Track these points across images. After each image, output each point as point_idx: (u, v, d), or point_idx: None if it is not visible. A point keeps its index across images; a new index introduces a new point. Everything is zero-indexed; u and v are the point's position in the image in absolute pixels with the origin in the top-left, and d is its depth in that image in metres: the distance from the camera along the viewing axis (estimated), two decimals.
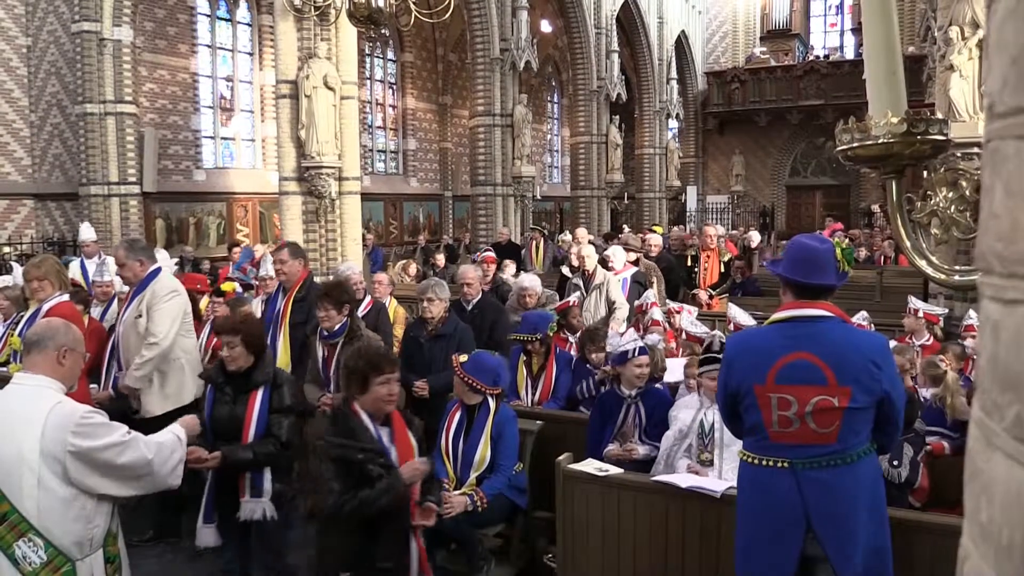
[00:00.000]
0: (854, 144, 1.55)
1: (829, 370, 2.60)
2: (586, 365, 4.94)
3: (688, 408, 3.81)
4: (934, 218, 1.49)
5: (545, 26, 20.86)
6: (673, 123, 23.83)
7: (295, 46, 8.81)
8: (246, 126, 17.25)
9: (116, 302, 5.64)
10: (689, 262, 9.21)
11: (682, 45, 24.01)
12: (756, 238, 13.69)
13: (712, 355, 3.68)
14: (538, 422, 4.35)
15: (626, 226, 16.98)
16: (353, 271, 6.29)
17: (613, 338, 4.84)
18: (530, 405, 4.90)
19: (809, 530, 2.63)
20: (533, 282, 6.27)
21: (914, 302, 6.06)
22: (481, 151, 14.74)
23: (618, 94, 19.04)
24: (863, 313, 5.64)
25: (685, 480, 3.37)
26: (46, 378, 2.51)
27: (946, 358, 4.73)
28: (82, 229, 8.65)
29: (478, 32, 14.73)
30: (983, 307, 0.69)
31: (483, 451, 3.92)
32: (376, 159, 20.71)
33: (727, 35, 26.44)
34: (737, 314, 5.50)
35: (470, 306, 5.68)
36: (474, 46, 14.82)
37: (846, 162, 1.64)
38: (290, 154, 8.92)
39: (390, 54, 21.00)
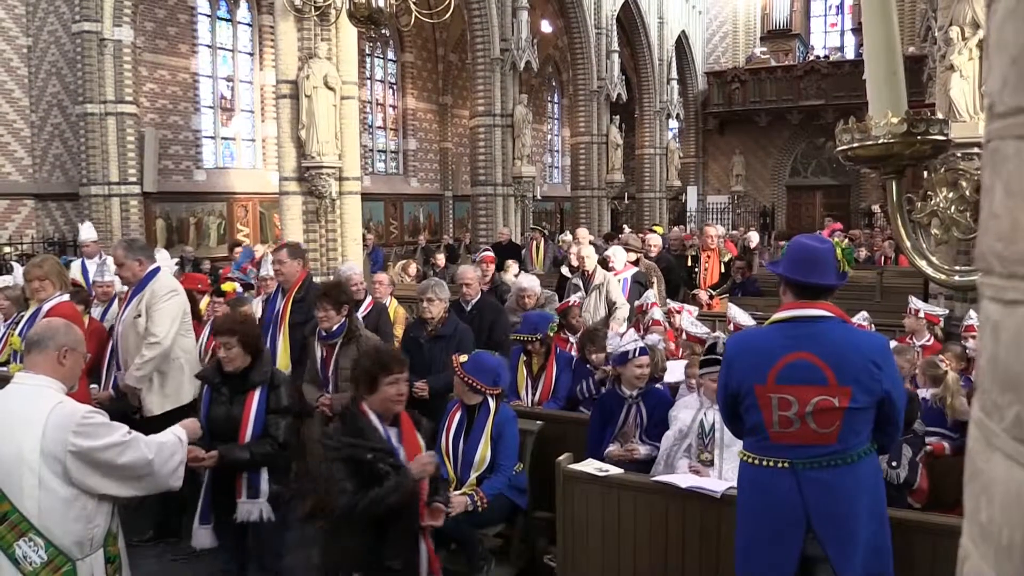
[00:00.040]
0: (854, 144, 1.55)
1: (829, 370, 2.60)
2: (586, 365, 4.94)
3: (688, 408, 3.81)
4: (934, 218, 1.49)
5: (545, 26, 20.86)
6: (673, 123, 23.82)
7: (295, 46, 8.82)
8: (246, 126, 17.25)
9: (116, 302, 5.65)
10: (689, 262, 9.20)
11: (682, 45, 24.00)
12: (756, 238, 13.67)
13: (713, 356, 3.67)
14: (538, 422, 4.36)
15: (626, 226, 16.95)
16: (354, 271, 6.29)
17: (613, 338, 4.85)
18: (530, 405, 4.91)
19: (809, 530, 2.63)
20: (532, 283, 6.26)
21: (914, 302, 6.06)
22: (481, 151, 14.73)
23: (618, 94, 19.03)
24: (863, 313, 5.64)
25: (685, 480, 3.37)
26: (47, 378, 2.51)
27: (946, 358, 4.73)
28: (82, 229, 8.63)
29: (478, 32, 14.72)
30: (983, 307, 0.69)
31: (483, 451, 3.92)
32: (376, 159, 20.71)
33: (727, 35, 26.44)
34: (737, 314, 5.50)
35: (469, 306, 5.68)
36: (474, 46, 14.81)
37: (846, 162, 1.63)
38: (290, 154, 8.93)
39: (390, 54, 21.00)
